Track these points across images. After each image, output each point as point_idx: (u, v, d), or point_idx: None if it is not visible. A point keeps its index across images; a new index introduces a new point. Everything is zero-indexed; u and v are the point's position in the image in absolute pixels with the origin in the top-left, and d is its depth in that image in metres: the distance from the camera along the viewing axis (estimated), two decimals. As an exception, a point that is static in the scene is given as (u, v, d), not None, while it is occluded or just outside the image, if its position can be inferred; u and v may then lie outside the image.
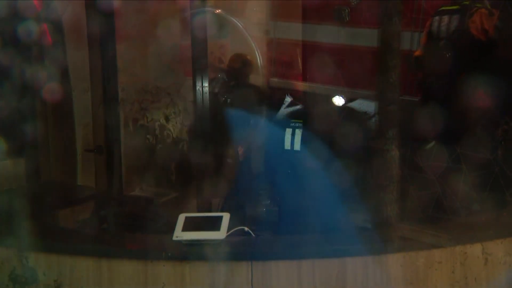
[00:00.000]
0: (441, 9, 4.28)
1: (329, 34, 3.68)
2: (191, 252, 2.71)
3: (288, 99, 3.55)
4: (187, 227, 2.75)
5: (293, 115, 3.09)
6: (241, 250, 2.72)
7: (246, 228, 2.76)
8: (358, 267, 2.74)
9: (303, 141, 3.05)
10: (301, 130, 3.06)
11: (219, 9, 3.69)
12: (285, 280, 2.70)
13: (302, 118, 3.05)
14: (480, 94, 3.77)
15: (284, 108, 3.19)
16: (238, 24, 3.36)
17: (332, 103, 3.59)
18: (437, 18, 4.27)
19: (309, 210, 3.07)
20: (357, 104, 3.70)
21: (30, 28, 3.57)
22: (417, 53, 4.47)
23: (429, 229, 2.78)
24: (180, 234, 2.73)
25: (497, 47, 4.02)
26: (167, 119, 4.39)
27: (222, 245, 2.71)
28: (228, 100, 3.32)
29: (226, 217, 2.74)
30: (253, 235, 2.78)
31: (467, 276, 2.84)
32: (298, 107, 3.23)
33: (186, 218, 2.78)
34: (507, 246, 2.89)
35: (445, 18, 4.24)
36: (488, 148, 3.78)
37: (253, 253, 2.72)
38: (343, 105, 3.70)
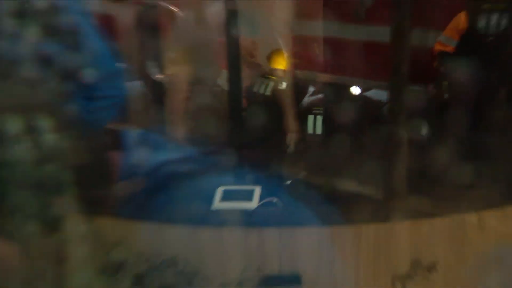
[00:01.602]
0: (484, 7, 4.41)
1: (347, 31, 3.92)
2: (227, 220, 3.09)
3: (311, 89, 3.88)
4: (224, 198, 3.18)
5: (315, 103, 3.46)
6: (270, 218, 3.10)
7: (275, 199, 3.14)
8: (370, 234, 3.05)
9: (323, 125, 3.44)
10: (321, 116, 3.44)
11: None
12: (308, 245, 3.01)
13: (323, 106, 3.43)
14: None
15: (308, 97, 3.52)
16: (267, 22, 3.65)
17: (350, 93, 3.88)
18: (483, 16, 4.42)
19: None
20: (372, 93, 3.98)
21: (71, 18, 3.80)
22: (441, 47, 4.60)
23: (431, 200, 3.14)
24: (218, 204, 3.16)
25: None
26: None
27: (254, 213, 3.13)
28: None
29: (257, 190, 3.17)
30: (281, 205, 3.14)
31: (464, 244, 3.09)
32: (320, 96, 3.59)
33: (224, 190, 3.20)
34: (501, 216, 3.25)
35: (494, 17, 4.40)
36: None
37: (280, 221, 3.11)
38: (359, 94, 3.99)
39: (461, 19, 4.69)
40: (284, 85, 3.48)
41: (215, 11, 3.43)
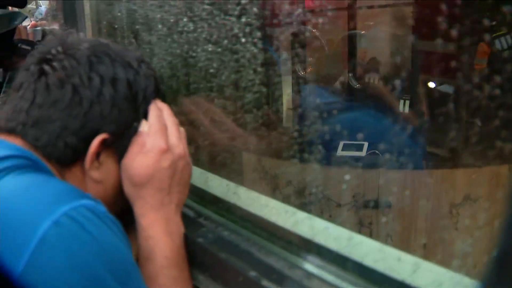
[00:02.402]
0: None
1: (424, 44, 4.69)
2: (346, 162, 4.12)
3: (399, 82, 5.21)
4: (344, 149, 4.33)
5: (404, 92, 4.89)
6: (373, 162, 3.93)
7: (377, 151, 4.13)
8: (438, 176, 4.03)
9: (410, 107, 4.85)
10: (408, 101, 4.88)
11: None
12: (396, 181, 3.59)
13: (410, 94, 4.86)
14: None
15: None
16: (372, 39, 4.96)
17: (428, 86, 4.94)
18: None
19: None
20: (443, 87, 4.92)
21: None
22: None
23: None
24: (340, 153, 4.31)
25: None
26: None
27: (362, 159, 4.16)
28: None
29: (366, 144, 4.25)
30: (381, 155, 4.03)
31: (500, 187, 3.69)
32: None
33: (344, 143, 4.29)
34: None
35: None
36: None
37: (379, 165, 3.80)
38: (434, 87, 5.02)
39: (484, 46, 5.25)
40: (379, 76, 4.93)
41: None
